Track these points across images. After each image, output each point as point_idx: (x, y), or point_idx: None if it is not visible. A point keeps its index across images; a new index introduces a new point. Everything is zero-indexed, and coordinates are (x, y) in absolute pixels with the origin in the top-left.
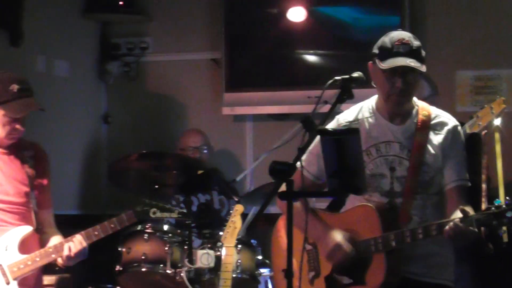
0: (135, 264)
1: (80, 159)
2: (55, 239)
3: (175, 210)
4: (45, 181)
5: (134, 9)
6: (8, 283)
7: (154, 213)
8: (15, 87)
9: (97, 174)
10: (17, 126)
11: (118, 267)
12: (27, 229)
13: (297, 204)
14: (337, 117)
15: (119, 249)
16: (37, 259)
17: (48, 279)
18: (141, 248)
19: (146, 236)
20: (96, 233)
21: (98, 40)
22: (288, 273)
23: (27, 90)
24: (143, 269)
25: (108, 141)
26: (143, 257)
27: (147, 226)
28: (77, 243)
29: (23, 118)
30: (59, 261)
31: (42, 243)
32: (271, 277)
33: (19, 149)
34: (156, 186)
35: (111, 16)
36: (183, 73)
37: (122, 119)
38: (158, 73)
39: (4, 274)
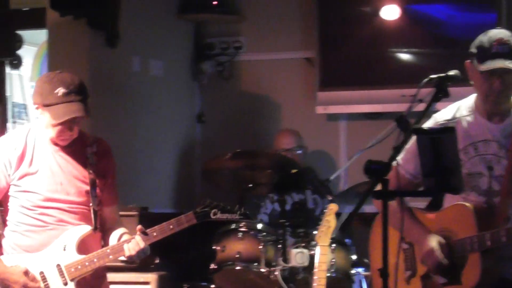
0: (230, 263)
1: (174, 158)
2: (116, 234)
3: (237, 211)
4: (108, 178)
5: (227, 8)
6: (65, 284)
7: (214, 214)
8: (60, 90)
9: (191, 173)
10: (64, 130)
11: (212, 265)
12: (86, 228)
13: (393, 203)
14: (434, 115)
15: (214, 247)
16: (95, 260)
17: (145, 277)
18: (236, 247)
19: (240, 234)
20: (154, 234)
21: (192, 40)
22: (384, 272)
23: (73, 94)
24: (238, 268)
25: (202, 140)
26: (237, 256)
27: (241, 225)
28: (134, 244)
29: (71, 122)
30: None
31: (105, 240)
32: (366, 277)
33: (81, 146)
34: (250, 185)
35: (205, 16)
36: (277, 72)
37: (216, 118)
38: (251, 72)
39: (62, 275)
